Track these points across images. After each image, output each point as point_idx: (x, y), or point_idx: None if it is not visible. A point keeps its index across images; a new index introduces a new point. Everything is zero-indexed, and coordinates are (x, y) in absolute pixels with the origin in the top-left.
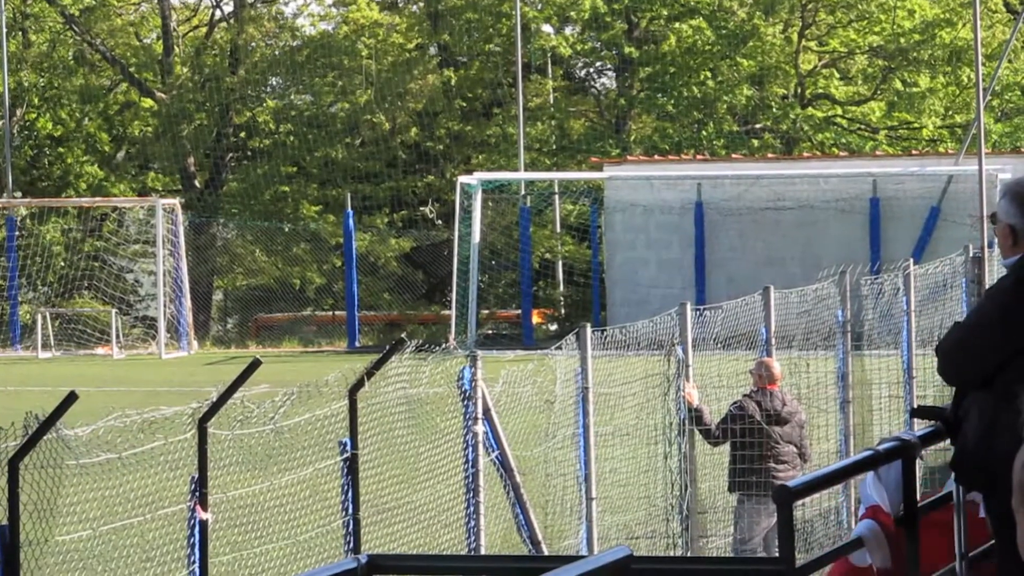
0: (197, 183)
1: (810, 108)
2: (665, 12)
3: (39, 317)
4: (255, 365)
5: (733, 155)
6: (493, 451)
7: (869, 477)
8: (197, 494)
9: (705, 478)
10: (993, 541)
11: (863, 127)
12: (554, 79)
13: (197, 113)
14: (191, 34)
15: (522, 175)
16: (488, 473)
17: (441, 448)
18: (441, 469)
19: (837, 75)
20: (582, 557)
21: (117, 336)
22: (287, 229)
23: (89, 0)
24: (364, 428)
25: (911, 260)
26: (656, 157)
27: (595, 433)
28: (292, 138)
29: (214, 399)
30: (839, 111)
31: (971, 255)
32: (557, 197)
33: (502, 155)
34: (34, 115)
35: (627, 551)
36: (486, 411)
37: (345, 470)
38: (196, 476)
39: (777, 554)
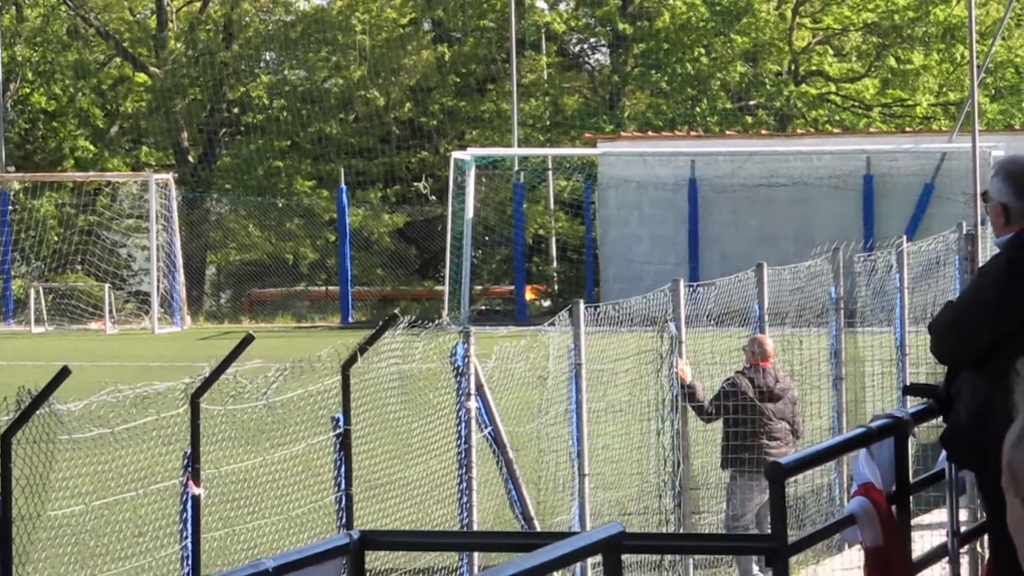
0: (190, 158)
1: (804, 85)
2: None
3: (32, 292)
4: (248, 340)
5: (727, 132)
6: (486, 427)
7: (862, 454)
8: (190, 469)
9: (698, 455)
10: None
11: (857, 104)
12: (548, 55)
13: (191, 88)
14: (185, 9)
15: (516, 151)
16: (481, 449)
17: (434, 424)
18: (434, 445)
19: (831, 52)
20: (574, 533)
21: (110, 311)
22: (280, 204)
23: None
24: (357, 404)
25: (904, 237)
26: (650, 133)
27: (588, 409)
28: (286, 113)
29: (207, 374)
30: (833, 88)
31: (964, 232)
32: (551, 173)
33: (496, 131)
34: (28, 90)
35: (619, 527)
36: (479, 387)
37: (338, 446)
38: (189, 451)
39: (769, 531)
